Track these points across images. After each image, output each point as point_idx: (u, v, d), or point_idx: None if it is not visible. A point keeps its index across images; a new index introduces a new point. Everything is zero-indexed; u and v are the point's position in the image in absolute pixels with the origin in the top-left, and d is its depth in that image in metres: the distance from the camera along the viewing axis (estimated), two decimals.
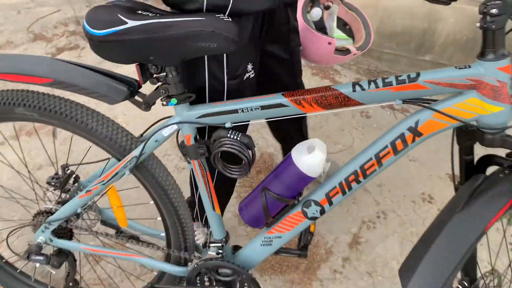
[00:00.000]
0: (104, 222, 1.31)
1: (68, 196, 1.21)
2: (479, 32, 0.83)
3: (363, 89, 0.89)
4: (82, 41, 2.68)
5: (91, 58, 2.27)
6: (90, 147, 1.12)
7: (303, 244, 1.25)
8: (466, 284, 1.14)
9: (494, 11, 0.78)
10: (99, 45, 0.89)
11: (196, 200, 1.40)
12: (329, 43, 1.35)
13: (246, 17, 1.06)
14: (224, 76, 1.09)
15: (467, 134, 0.94)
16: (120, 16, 0.87)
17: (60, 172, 1.23)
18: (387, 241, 1.74)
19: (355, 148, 2.14)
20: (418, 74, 0.87)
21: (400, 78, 0.88)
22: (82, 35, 2.70)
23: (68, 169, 1.23)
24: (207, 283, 1.21)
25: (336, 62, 1.44)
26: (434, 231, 0.92)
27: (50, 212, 1.21)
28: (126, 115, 2.25)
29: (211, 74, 1.08)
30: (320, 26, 1.40)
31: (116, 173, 1.07)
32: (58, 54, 2.55)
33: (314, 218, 1.07)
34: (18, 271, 1.44)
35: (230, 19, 0.90)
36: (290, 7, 1.24)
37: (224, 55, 1.06)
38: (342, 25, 1.49)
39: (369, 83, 0.89)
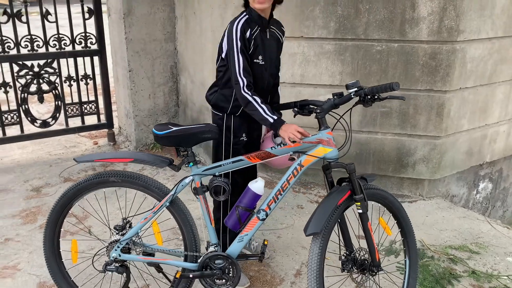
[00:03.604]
0: (144, 252, 2.26)
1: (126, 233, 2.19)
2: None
3: (275, 148, 2.07)
4: None
5: None
6: (144, 199, 2.16)
7: (261, 252, 2.24)
8: (348, 253, 2.15)
9: (318, 111, 2.03)
10: (160, 139, 2.05)
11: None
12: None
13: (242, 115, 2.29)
14: (231, 139, 2.29)
15: (326, 167, 2.10)
16: (169, 126, 2.06)
17: (121, 222, 2.24)
18: None
19: (295, 226, 3.20)
20: (294, 141, 2.07)
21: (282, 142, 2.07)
22: None
23: (125, 219, 2.25)
24: (209, 270, 2.14)
25: (288, 165, 2.38)
26: (317, 208, 2.00)
27: (117, 241, 2.17)
28: None
29: (227, 141, 2.30)
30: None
31: (161, 206, 2.10)
32: None
33: (263, 219, 2.12)
34: None
35: (216, 127, 2.10)
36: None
37: (232, 130, 2.28)
38: None
39: (278, 146, 2.08)
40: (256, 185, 2.11)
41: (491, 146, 3.82)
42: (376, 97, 1.95)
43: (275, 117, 2.09)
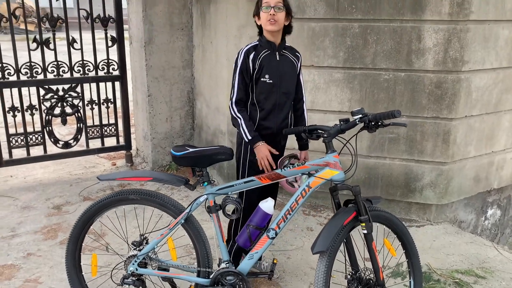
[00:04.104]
0: (159, 267, 2.38)
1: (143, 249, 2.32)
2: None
3: (285, 170, 2.21)
4: None
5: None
6: (160, 217, 2.30)
7: (270, 270, 2.35)
8: (353, 272, 2.25)
9: (326, 136, 2.17)
10: (178, 159, 2.20)
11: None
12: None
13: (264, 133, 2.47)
14: (247, 155, 2.47)
15: (333, 189, 2.22)
16: (186, 147, 2.21)
17: (138, 239, 2.37)
18: None
19: (305, 247, 3.29)
20: (304, 162, 2.20)
21: (297, 164, 2.20)
22: None
23: (143, 236, 2.38)
24: (220, 286, 2.25)
25: (289, 190, 2.57)
26: (324, 227, 2.11)
27: (134, 256, 2.30)
28: None
29: (244, 157, 2.49)
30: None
31: (177, 223, 2.24)
32: None
33: (273, 238, 2.23)
34: None
35: (230, 150, 2.25)
36: (281, 134, 2.56)
37: (248, 147, 2.46)
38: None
39: (287, 167, 2.21)
40: (267, 205, 2.24)
41: (499, 173, 3.89)
42: (379, 123, 2.08)
43: (250, 137, 2.42)
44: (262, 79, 2.44)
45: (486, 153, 3.73)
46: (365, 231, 2.16)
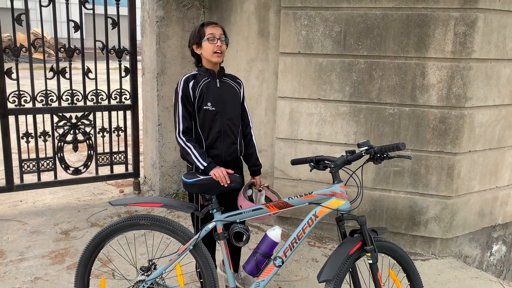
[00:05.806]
0: None
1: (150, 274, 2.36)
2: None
3: (292, 199, 2.27)
4: None
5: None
6: (169, 243, 2.35)
7: None
8: None
9: (332, 166, 2.24)
10: (189, 186, 2.27)
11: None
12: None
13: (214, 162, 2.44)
14: None
15: (339, 219, 2.27)
16: (197, 175, 2.28)
17: (147, 264, 2.41)
18: None
19: (310, 278, 3.30)
20: (311, 192, 2.26)
21: (305, 193, 2.26)
22: None
23: (151, 261, 2.42)
24: None
25: (260, 218, 2.54)
26: (330, 256, 2.15)
27: (142, 281, 2.34)
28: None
29: None
30: (251, 199, 2.68)
31: (186, 249, 2.28)
32: None
33: (279, 266, 2.27)
34: None
35: (239, 177, 2.32)
36: (232, 161, 2.56)
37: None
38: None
39: (295, 197, 2.27)
40: (274, 233, 2.29)
41: (503, 208, 3.92)
42: (385, 155, 2.15)
43: (205, 164, 2.36)
44: (204, 107, 2.48)
45: (490, 188, 3.77)
46: (371, 261, 2.19)
